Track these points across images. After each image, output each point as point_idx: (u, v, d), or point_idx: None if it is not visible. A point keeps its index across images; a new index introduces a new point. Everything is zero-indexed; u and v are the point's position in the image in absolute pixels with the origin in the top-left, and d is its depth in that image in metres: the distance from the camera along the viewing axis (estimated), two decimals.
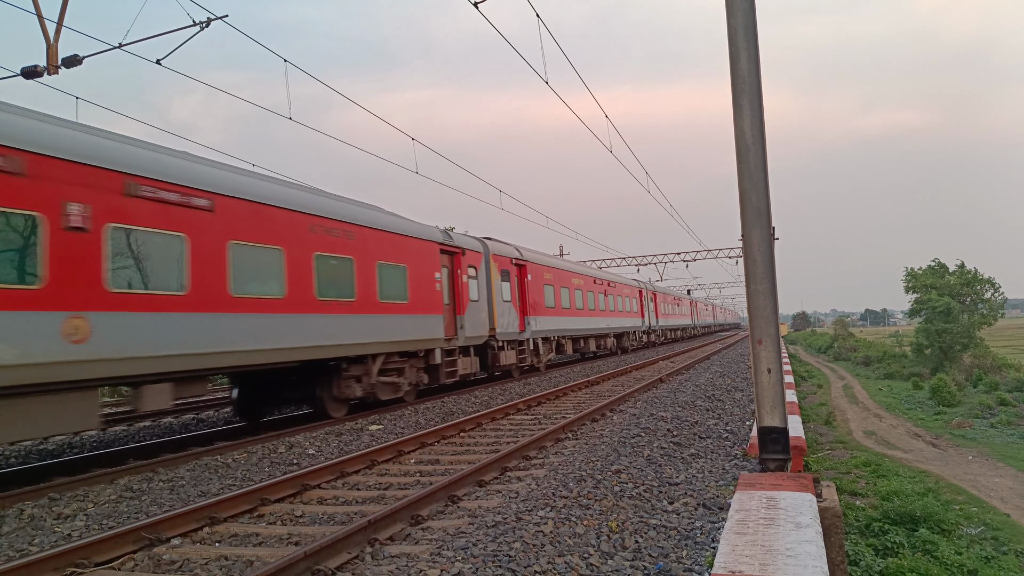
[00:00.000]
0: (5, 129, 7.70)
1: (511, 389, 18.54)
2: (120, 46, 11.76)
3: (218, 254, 10.25)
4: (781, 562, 3.36)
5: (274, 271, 11.24)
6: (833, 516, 4.91)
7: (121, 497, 7.80)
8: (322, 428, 12.23)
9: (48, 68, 10.68)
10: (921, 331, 51.24)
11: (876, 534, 9.38)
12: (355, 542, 5.53)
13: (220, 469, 9.18)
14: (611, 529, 5.74)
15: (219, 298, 10.19)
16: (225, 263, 10.32)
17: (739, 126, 5.88)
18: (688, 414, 12.01)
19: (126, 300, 8.80)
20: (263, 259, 11.03)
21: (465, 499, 7.10)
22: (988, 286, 52.10)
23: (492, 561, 4.91)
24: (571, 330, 27.26)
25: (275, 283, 11.23)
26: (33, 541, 6.34)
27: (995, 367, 42.80)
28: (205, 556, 5.67)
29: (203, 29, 11.66)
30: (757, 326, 5.81)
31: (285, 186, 12.47)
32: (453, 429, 11.45)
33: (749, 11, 5.98)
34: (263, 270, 11.01)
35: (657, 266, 57.87)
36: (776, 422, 5.70)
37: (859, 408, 30.24)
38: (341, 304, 12.77)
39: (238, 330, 10.43)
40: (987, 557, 9.37)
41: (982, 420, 24.98)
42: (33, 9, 10.54)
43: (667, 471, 7.79)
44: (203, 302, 9.92)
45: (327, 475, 8.30)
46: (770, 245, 5.85)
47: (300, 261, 11.76)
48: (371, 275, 13.76)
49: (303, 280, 11.79)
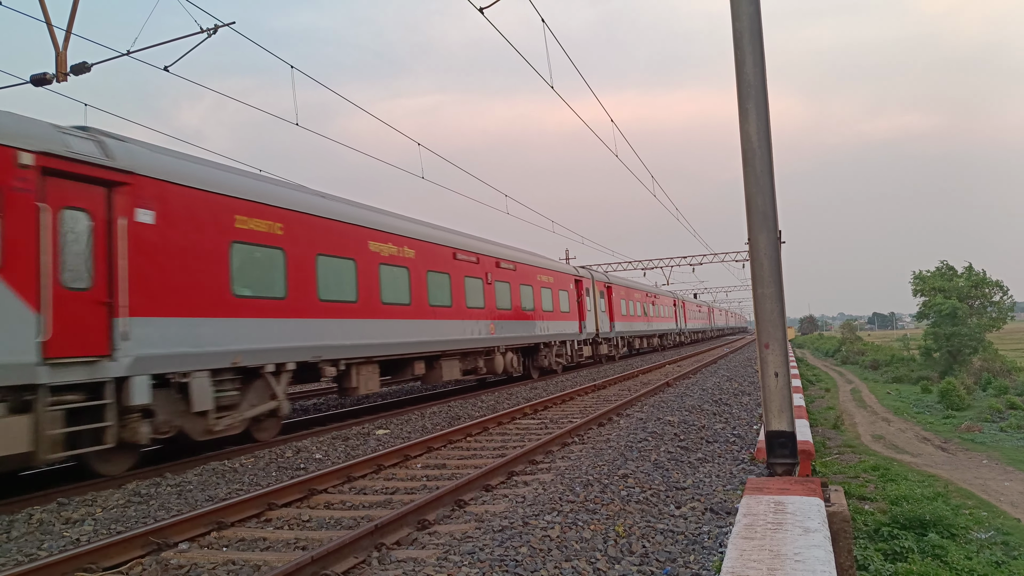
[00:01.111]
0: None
1: (517, 393, 18.55)
2: (128, 53, 11.84)
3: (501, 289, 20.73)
4: (789, 567, 3.34)
5: (508, 296, 20.99)
6: (842, 521, 4.88)
7: (129, 502, 7.83)
8: (329, 432, 12.25)
9: (57, 75, 10.76)
10: (929, 334, 50.92)
11: (885, 539, 9.32)
12: (362, 547, 5.54)
13: (227, 473, 9.20)
14: (618, 534, 5.72)
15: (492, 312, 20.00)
16: (493, 293, 19.84)
17: (745, 130, 5.87)
18: (695, 418, 11.98)
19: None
20: (503, 289, 20.66)
21: (472, 504, 7.09)
22: (997, 289, 51.76)
23: (499, 566, 4.91)
24: (635, 331, 38.04)
25: (508, 302, 20.94)
26: (42, 545, 6.37)
27: (1005, 370, 42.48)
28: (212, 561, 5.69)
29: (211, 36, 11.72)
30: (764, 330, 5.79)
31: (485, 242, 20.67)
32: (459, 434, 11.45)
33: (754, 15, 5.98)
34: (506, 296, 20.95)
35: (664, 270, 57.75)
36: (784, 426, 5.68)
37: (867, 412, 30.08)
38: (539, 313, 23.13)
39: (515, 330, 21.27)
40: (997, 562, 9.28)
41: (992, 424, 24.79)
42: (42, 17, 10.63)
43: (674, 475, 7.77)
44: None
45: (334, 479, 8.31)
46: (776, 249, 5.83)
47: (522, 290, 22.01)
48: (539, 295, 23.29)
49: (526, 301, 22.28)
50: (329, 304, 12.48)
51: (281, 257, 11.48)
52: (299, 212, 12.07)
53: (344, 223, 13.36)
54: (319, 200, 13.13)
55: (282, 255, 11.48)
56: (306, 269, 11.97)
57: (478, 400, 16.97)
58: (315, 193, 13.69)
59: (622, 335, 34.17)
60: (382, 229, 14.65)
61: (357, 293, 13.41)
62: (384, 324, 14.12)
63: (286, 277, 11.52)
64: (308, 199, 12.77)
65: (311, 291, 12.07)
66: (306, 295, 11.90)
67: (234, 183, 10.89)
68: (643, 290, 41.62)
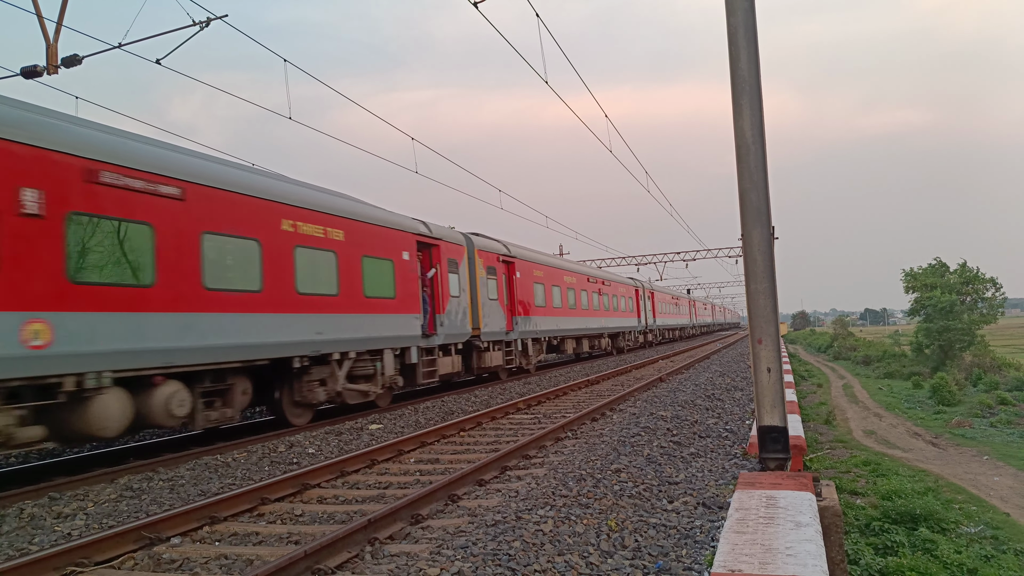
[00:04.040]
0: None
1: (511, 388, 18.54)
2: (120, 46, 11.75)
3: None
4: (781, 561, 3.36)
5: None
6: (833, 515, 4.91)
7: (121, 496, 7.80)
8: (322, 427, 12.23)
9: (48, 68, 10.67)
10: (921, 330, 51.21)
11: (876, 533, 9.38)
12: (355, 541, 5.54)
13: (220, 468, 9.18)
14: (611, 528, 5.74)
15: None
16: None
17: (739, 126, 5.88)
18: (688, 413, 12.01)
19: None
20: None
21: (465, 498, 7.10)
22: (989, 285, 52.05)
23: (492, 560, 4.91)
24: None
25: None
26: (33, 540, 6.35)
27: (995, 366, 42.78)
28: (205, 555, 5.68)
29: (203, 29, 11.66)
30: (757, 325, 5.81)
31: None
32: (453, 428, 11.46)
33: (749, 11, 5.98)
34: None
35: (657, 265, 57.88)
36: (776, 421, 5.71)
37: (859, 407, 30.24)
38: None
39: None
40: (987, 556, 9.36)
41: (982, 419, 24.98)
42: (33, 9, 10.54)
43: (667, 470, 7.80)
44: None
45: (327, 474, 8.31)
46: (770, 245, 5.85)
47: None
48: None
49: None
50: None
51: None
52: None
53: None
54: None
55: None
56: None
57: (471, 395, 16.97)
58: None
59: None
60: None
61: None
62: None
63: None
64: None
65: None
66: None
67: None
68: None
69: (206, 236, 10.24)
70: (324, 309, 12.47)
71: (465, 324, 18.22)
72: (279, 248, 11.60)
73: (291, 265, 11.77)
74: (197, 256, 10.04)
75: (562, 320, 26.82)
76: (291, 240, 11.87)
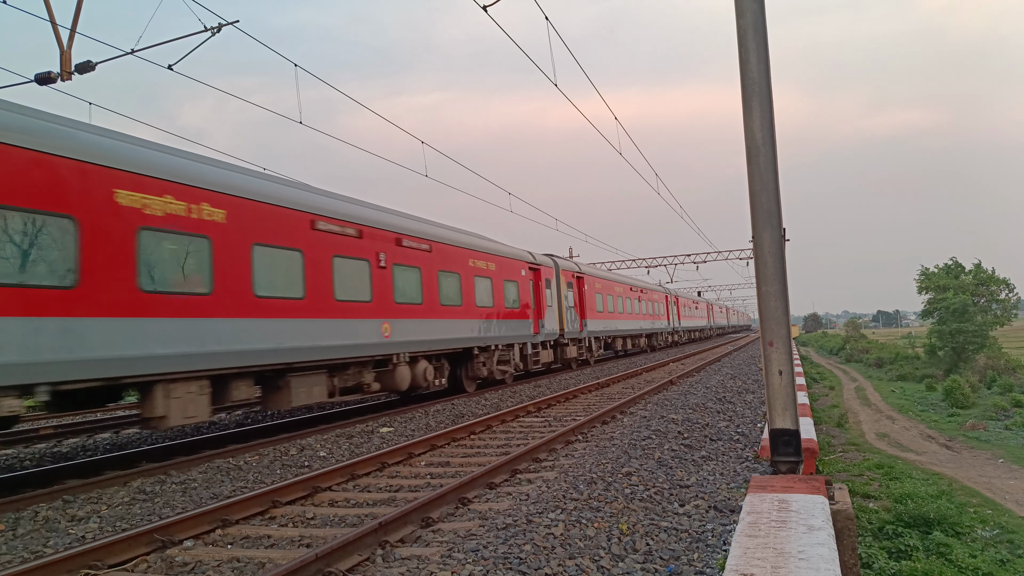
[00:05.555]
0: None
1: (521, 391, 18.55)
2: (132, 52, 11.86)
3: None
4: (793, 565, 3.34)
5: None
6: (846, 519, 4.88)
7: (134, 499, 7.86)
8: (333, 430, 12.27)
9: (62, 74, 10.78)
10: (934, 332, 50.75)
11: (889, 537, 9.30)
12: (366, 544, 5.55)
13: (232, 471, 9.23)
14: (622, 531, 5.72)
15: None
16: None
17: (749, 127, 5.86)
18: (699, 416, 11.96)
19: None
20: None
21: (475, 501, 7.10)
22: (1003, 286, 51.55)
23: (503, 563, 4.91)
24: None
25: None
26: (47, 543, 6.40)
27: (1009, 368, 42.33)
28: (217, 558, 5.70)
29: (215, 34, 11.74)
30: (768, 328, 5.78)
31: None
32: (463, 431, 11.46)
33: (758, 12, 5.96)
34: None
35: (667, 268, 57.68)
36: (788, 424, 5.68)
37: (871, 410, 30.01)
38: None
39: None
40: (1002, 560, 9.26)
41: (996, 422, 24.71)
42: (47, 16, 10.66)
43: (678, 473, 7.77)
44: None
45: (338, 477, 8.33)
46: (781, 247, 5.82)
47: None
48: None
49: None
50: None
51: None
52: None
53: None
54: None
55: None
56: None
57: (482, 398, 16.99)
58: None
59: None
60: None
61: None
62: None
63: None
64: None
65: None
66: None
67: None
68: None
69: (441, 275, 16.69)
70: (488, 316, 18.95)
71: (555, 326, 24.08)
72: (472, 279, 18.29)
73: (472, 289, 18.22)
74: (435, 287, 16.31)
75: (614, 323, 32.67)
76: (474, 272, 18.47)
